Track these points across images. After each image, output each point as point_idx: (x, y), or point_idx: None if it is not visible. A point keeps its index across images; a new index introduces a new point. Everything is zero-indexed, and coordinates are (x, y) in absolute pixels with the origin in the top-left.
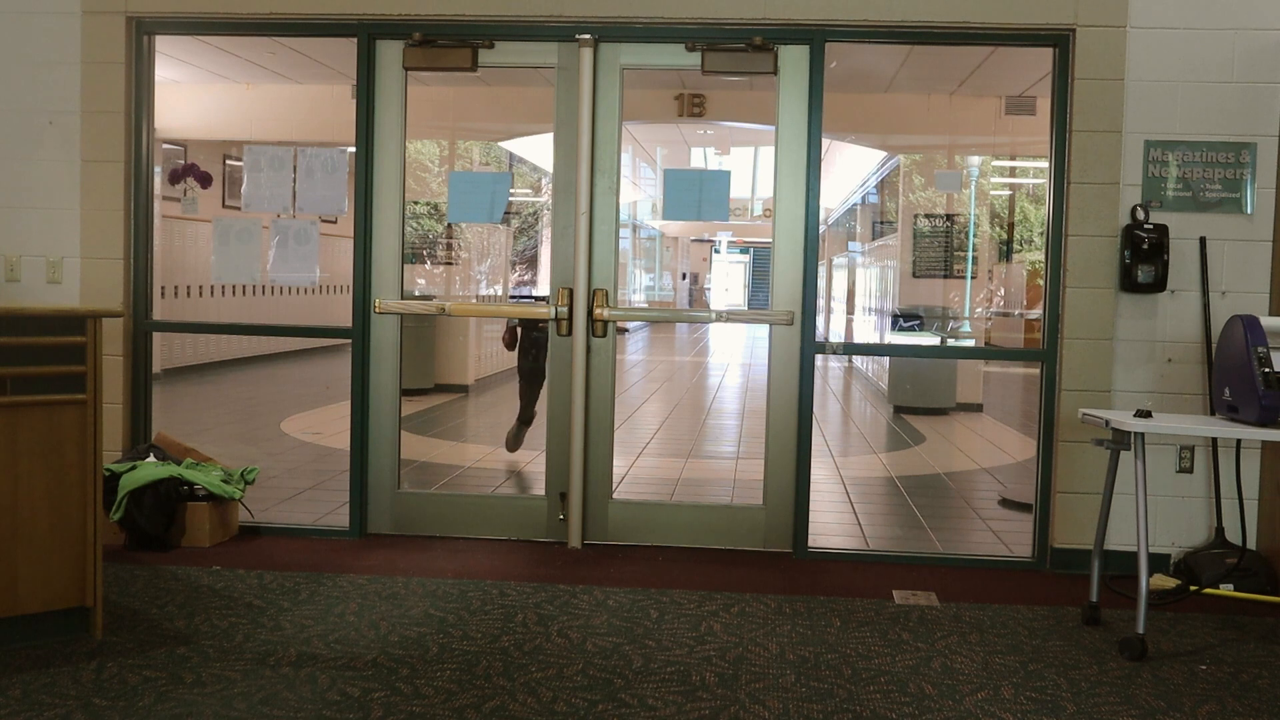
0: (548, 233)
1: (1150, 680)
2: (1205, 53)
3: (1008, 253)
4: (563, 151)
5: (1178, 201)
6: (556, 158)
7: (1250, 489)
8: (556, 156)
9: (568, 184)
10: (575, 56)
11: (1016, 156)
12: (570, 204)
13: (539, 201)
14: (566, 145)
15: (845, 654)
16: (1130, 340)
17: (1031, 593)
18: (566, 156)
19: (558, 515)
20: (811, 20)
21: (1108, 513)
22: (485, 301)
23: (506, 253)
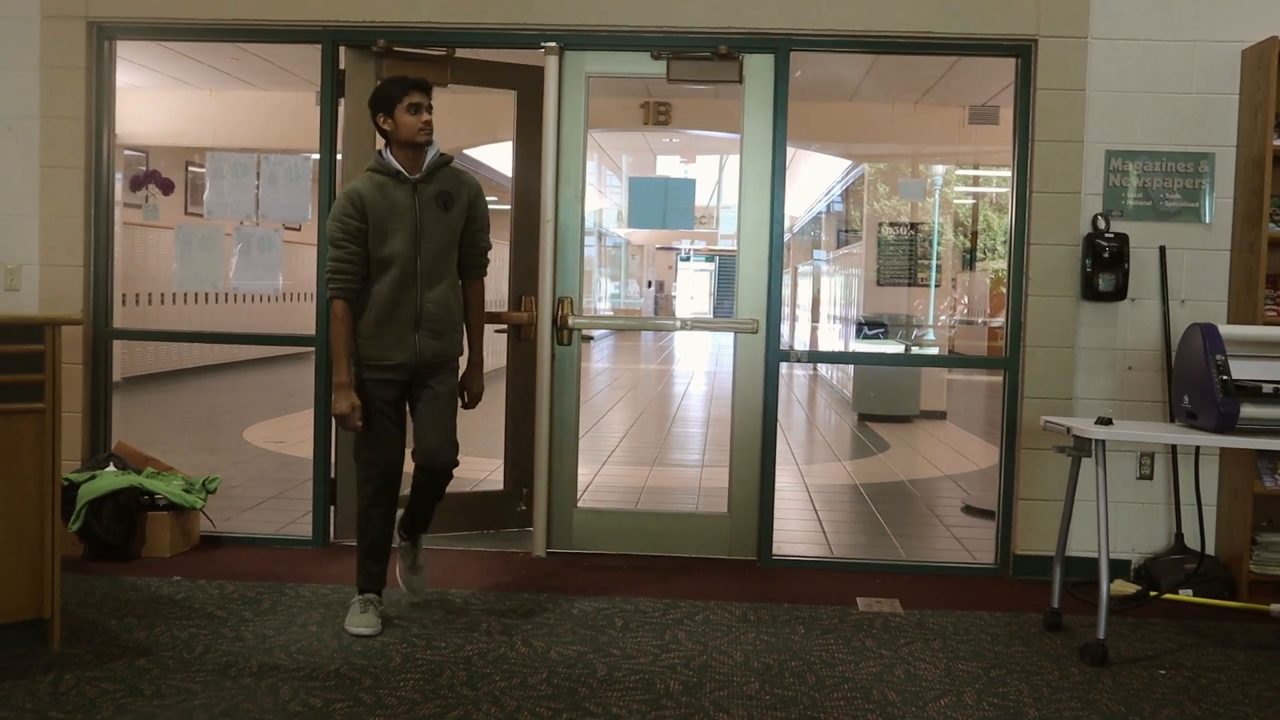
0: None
1: (1111, 685)
2: (1165, 64)
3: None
4: (525, 159)
5: (1138, 211)
6: (517, 165)
7: (1209, 495)
8: (517, 164)
9: (527, 192)
10: (540, 65)
11: (980, 165)
12: (535, 212)
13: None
14: (532, 153)
15: (809, 661)
16: (1091, 348)
17: (994, 599)
18: (532, 164)
19: (517, 507)
20: (776, 29)
21: (1069, 519)
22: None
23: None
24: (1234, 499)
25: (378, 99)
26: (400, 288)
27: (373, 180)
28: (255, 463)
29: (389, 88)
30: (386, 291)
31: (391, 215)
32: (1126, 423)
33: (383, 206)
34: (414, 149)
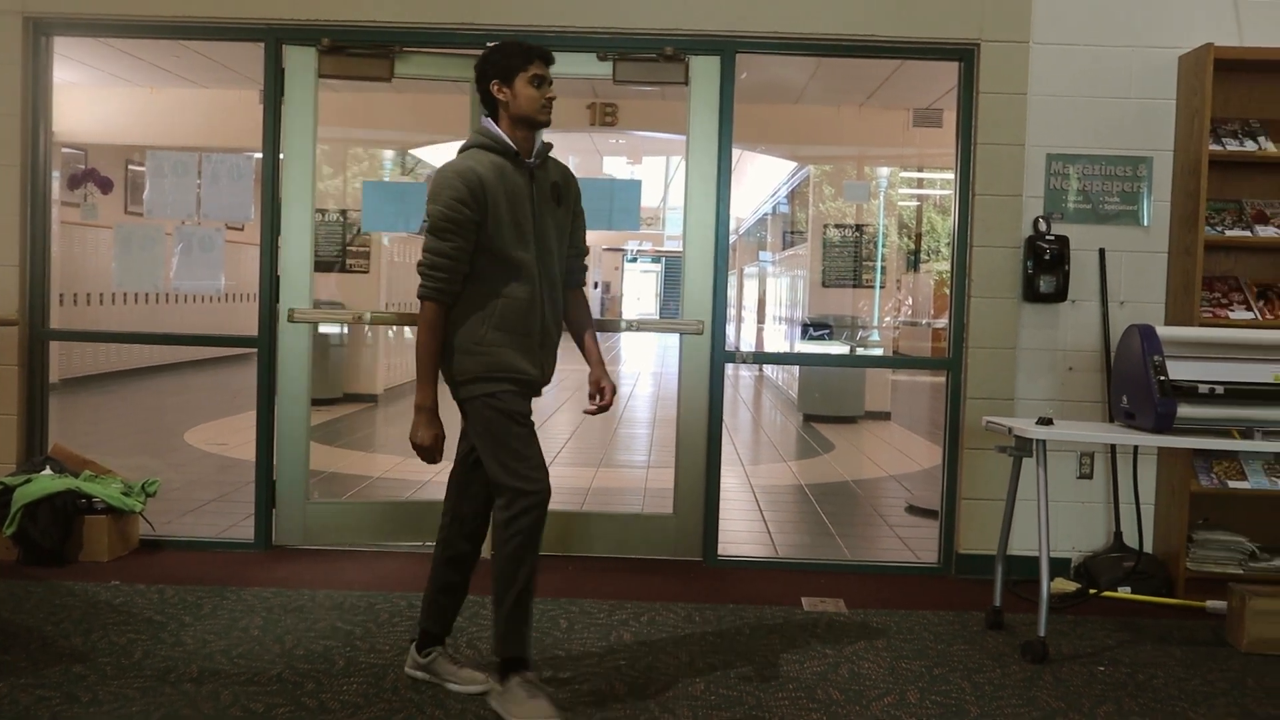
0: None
1: (1051, 682)
2: (1105, 69)
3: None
4: None
5: (1078, 213)
6: None
7: (1147, 494)
8: None
9: None
10: None
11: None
12: None
13: None
14: None
15: (754, 661)
16: (1033, 349)
17: (937, 598)
18: None
19: None
20: (722, 31)
21: (1010, 518)
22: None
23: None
24: (1171, 497)
25: (495, 64)
26: (525, 290)
27: (490, 160)
28: (196, 465)
29: (510, 53)
30: (515, 297)
31: (514, 204)
32: (1067, 423)
33: (504, 193)
34: (529, 129)
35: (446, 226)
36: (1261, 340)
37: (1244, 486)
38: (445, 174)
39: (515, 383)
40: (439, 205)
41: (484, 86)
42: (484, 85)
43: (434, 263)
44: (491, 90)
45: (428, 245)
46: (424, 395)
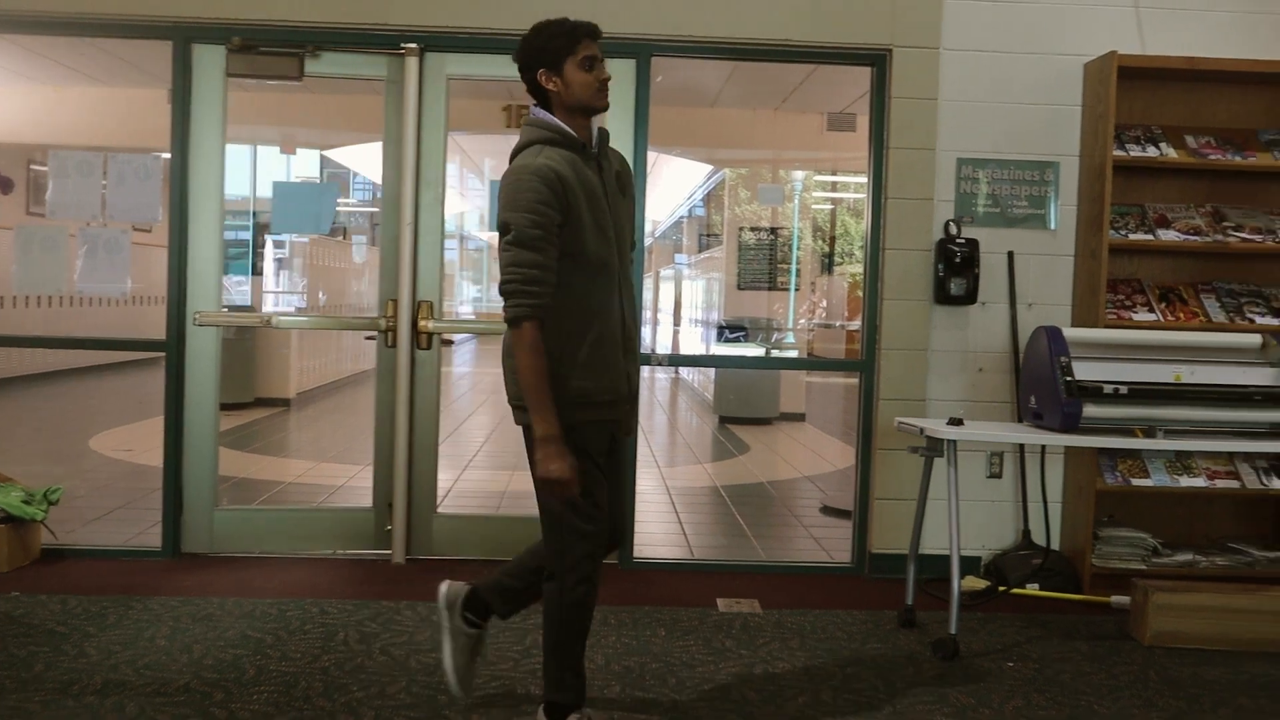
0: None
1: (962, 678)
2: (1014, 75)
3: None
4: (390, 162)
5: (988, 217)
6: (385, 168)
7: (1054, 492)
8: (385, 167)
9: (395, 195)
10: (401, 66)
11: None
12: (397, 215)
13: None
14: (393, 156)
15: (670, 663)
16: (944, 350)
17: (851, 597)
18: (393, 167)
19: (384, 526)
20: (637, 34)
21: (922, 518)
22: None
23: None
24: (1078, 495)
25: (539, 50)
26: (608, 295)
27: (561, 155)
28: (101, 472)
29: (555, 36)
30: (598, 302)
31: (592, 200)
32: (977, 423)
33: (581, 190)
34: (587, 116)
35: (537, 235)
36: (1163, 341)
37: (1147, 484)
38: (520, 176)
39: (599, 407)
40: (522, 212)
41: (530, 77)
42: (530, 76)
43: (528, 277)
44: (540, 81)
45: (515, 259)
46: (547, 424)
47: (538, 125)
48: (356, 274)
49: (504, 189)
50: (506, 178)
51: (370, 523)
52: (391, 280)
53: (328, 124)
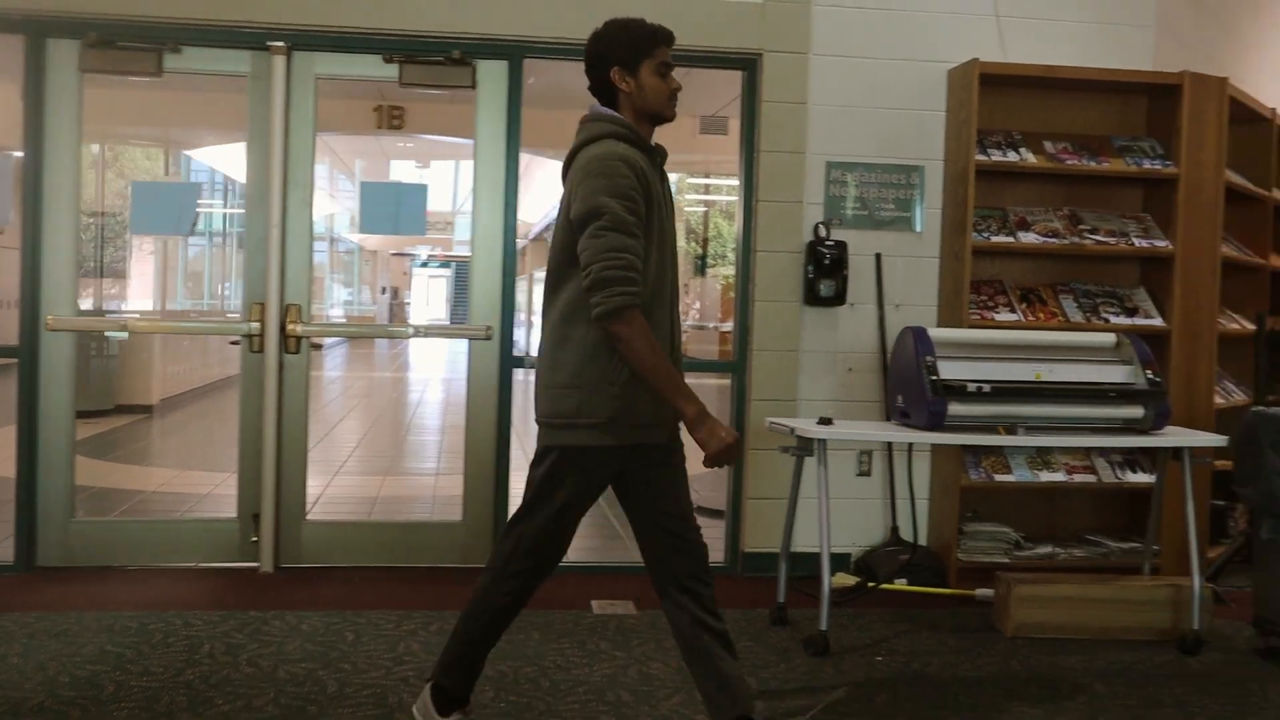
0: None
1: (833, 674)
2: (881, 81)
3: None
4: (256, 162)
5: (856, 219)
6: (249, 168)
7: (921, 490)
8: (249, 167)
9: (261, 195)
10: (267, 64)
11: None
12: (263, 216)
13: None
14: (259, 156)
15: (544, 666)
16: (814, 351)
17: (724, 596)
18: (259, 167)
19: (250, 537)
20: (510, 36)
21: (793, 516)
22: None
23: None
24: (944, 492)
25: (619, 46)
26: (661, 306)
27: (633, 150)
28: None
29: (636, 35)
30: (655, 316)
31: (658, 205)
32: (846, 422)
33: (652, 191)
34: (653, 123)
35: (632, 221)
36: (1025, 341)
37: (1009, 479)
38: (608, 161)
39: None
40: (617, 197)
41: (601, 73)
42: (602, 71)
43: (629, 263)
44: (612, 78)
45: (613, 244)
46: (693, 403)
47: (608, 120)
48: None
49: (588, 174)
50: (589, 164)
51: (236, 533)
52: (258, 283)
53: (191, 123)
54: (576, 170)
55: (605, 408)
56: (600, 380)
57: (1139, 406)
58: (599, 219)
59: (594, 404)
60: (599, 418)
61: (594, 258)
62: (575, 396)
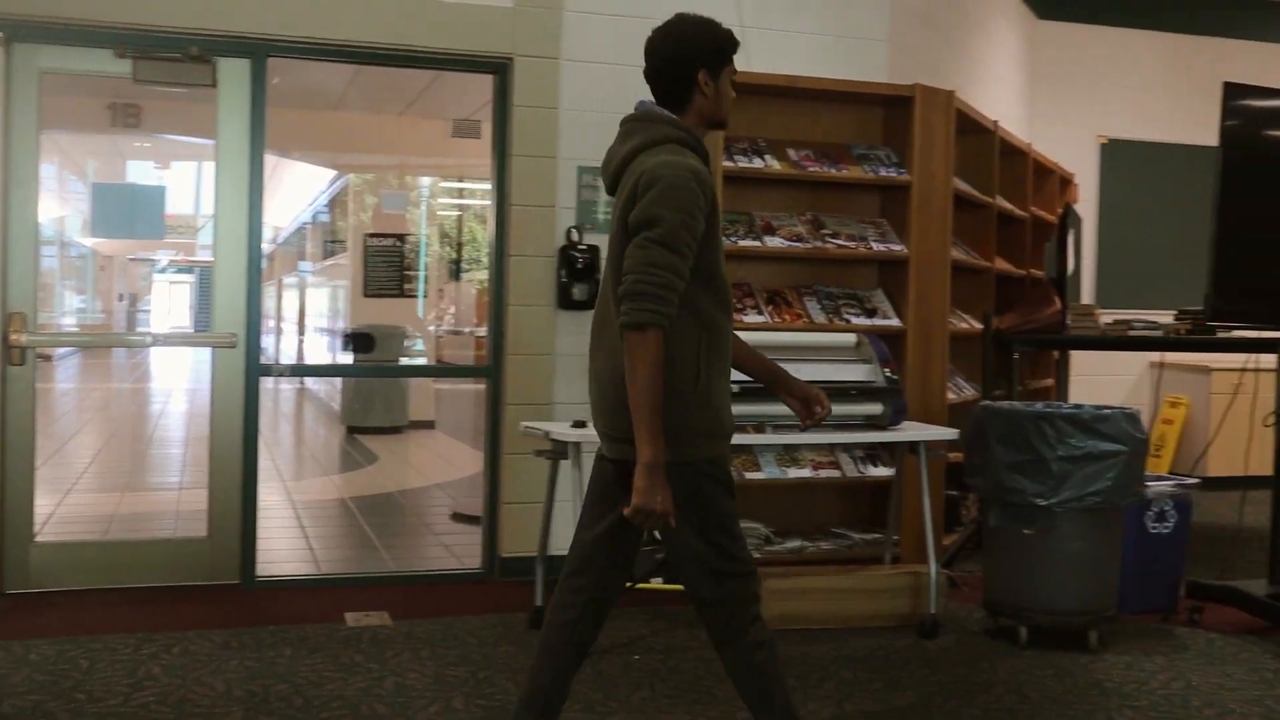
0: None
1: (591, 675)
2: (632, 87)
3: (458, 272)
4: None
5: (608, 224)
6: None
7: None
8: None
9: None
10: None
11: (464, 178)
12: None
13: None
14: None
15: (296, 683)
16: (568, 355)
17: (482, 602)
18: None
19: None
20: (252, 34)
21: (549, 520)
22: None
23: None
24: None
25: (708, 50)
26: (729, 319)
27: (701, 164)
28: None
29: (724, 40)
30: (722, 328)
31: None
32: None
33: (715, 202)
34: (710, 129)
35: (685, 240)
36: (772, 342)
37: (760, 477)
38: (679, 172)
39: (726, 439)
40: (681, 213)
41: (684, 73)
42: (684, 71)
43: (668, 282)
44: (698, 80)
45: (656, 259)
46: (657, 449)
47: (668, 124)
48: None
49: (655, 182)
50: (658, 171)
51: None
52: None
53: None
54: (642, 177)
55: (699, 419)
56: (693, 395)
57: (879, 403)
58: (650, 230)
59: (684, 417)
60: (696, 429)
61: (634, 268)
62: (669, 408)
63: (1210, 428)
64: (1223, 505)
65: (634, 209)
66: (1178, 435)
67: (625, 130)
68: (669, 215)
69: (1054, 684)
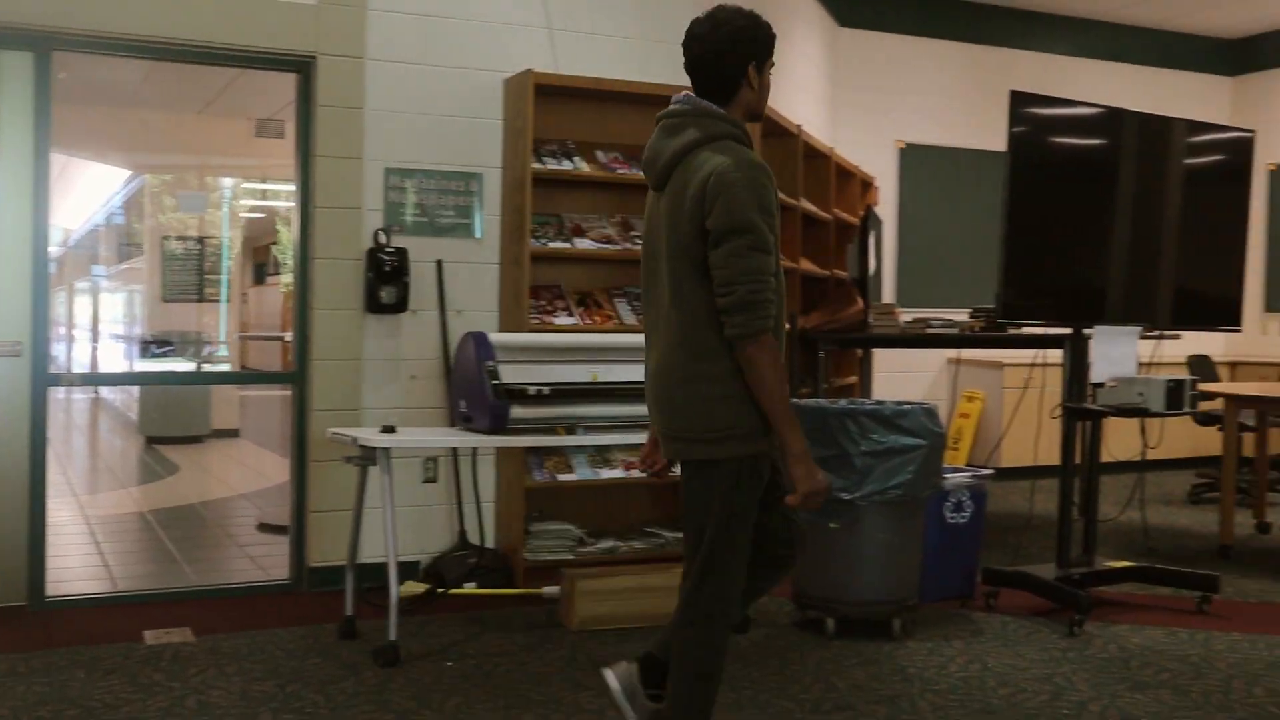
0: None
1: (404, 683)
2: (439, 88)
3: (262, 275)
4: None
5: (417, 226)
6: None
7: (487, 492)
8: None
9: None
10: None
11: (268, 179)
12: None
13: None
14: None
15: (89, 706)
16: (377, 359)
17: (290, 615)
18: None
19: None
20: (35, 26)
21: (359, 527)
22: None
23: None
24: (509, 494)
25: (755, 42)
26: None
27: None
28: None
29: (766, 31)
30: (782, 318)
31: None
32: (410, 430)
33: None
34: (748, 123)
35: (771, 240)
36: (582, 344)
37: (572, 479)
38: (754, 174)
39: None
40: (765, 214)
41: (733, 66)
42: (734, 64)
43: (771, 286)
44: (749, 73)
45: (761, 266)
46: (801, 438)
47: (722, 120)
48: None
49: (732, 184)
50: (732, 171)
51: None
52: None
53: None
54: (712, 177)
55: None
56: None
57: None
58: (743, 236)
59: (750, 411)
60: (757, 424)
61: (738, 278)
62: (730, 406)
63: (1003, 421)
64: (1015, 494)
65: (713, 213)
66: (974, 428)
67: (671, 124)
68: (758, 219)
69: (860, 672)
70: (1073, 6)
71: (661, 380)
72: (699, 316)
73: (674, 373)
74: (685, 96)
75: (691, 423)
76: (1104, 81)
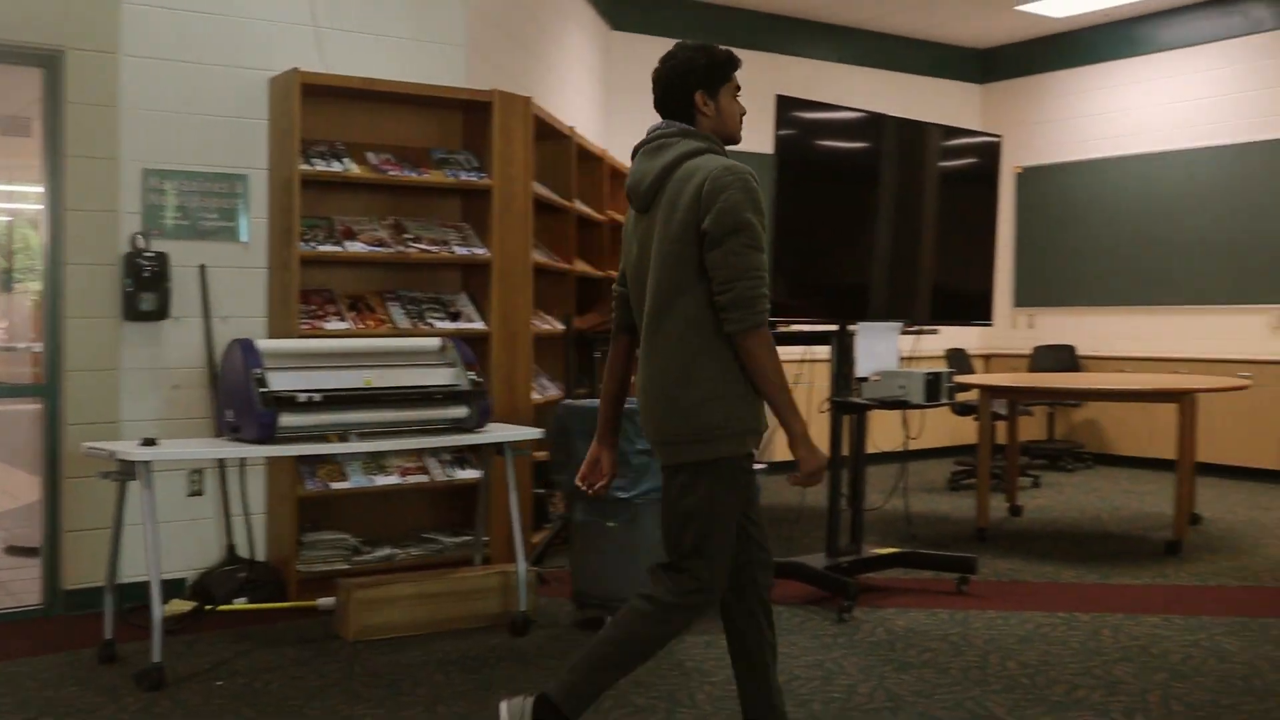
0: None
1: (170, 706)
2: (200, 87)
3: (9, 283)
4: None
5: (178, 229)
6: None
7: (257, 504)
8: None
9: None
10: None
11: (14, 181)
12: None
13: None
14: None
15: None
16: (136, 369)
17: (43, 642)
18: None
19: None
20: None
21: (118, 546)
22: None
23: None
24: (280, 504)
25: (702, 70)
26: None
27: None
28: None
29: (717, 60)
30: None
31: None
32: (173, 442)
33: None
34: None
35: (763, 238)
36: (354, 349)
37: (345, 486)
38: (742, 175)
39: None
40: (756, 213)
41: (682, 95)
42: (682, 93)
43: (766, 282)
44: (696, 101)
45: (756, 263)
46: (802, 421)
47: (698, 137)
48: None
49: (725, 187)
50: (722, 176)
51: None
52: None
53: None
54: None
55: (749, 415)
56: (745, 390)
57: (464, 406)
58: (740, 235)
59: (740, 412)
60: (747, 425)
61: (737, 275)
62: (721, 407)
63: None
64: (787, 487)
65: (711, 215)
66: None
67: (654, 147)
68: (753, 218)
69: (639, 669)
70: (837, 14)
71: (654, 388)
72: (690, 322)
73: (667, 377)
74: (664, 123)
75: (684, 424)
76: (866, 87)
